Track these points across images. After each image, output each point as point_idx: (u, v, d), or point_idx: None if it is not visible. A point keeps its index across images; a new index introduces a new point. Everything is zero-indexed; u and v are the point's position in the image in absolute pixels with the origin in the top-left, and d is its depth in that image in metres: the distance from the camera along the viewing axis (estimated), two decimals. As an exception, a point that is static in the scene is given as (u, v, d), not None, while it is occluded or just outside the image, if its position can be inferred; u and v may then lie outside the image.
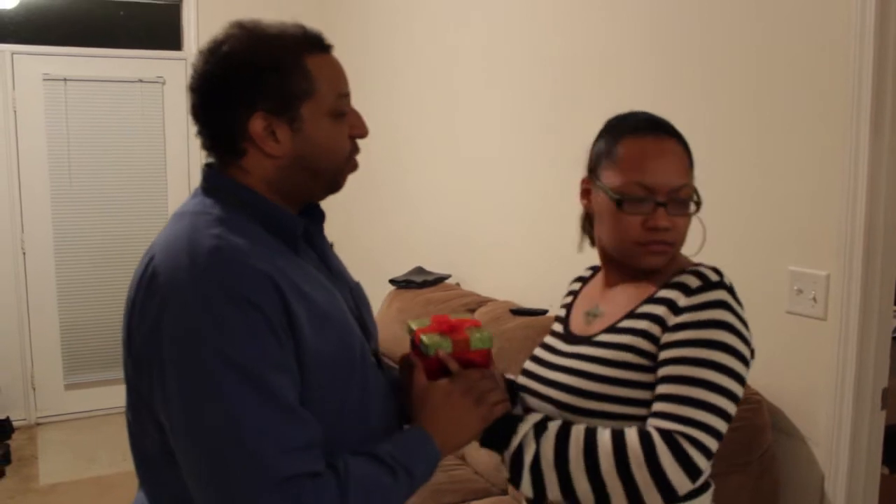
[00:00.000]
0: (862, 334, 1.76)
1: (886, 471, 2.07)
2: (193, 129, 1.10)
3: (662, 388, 1.10)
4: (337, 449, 1.02)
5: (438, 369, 1.16)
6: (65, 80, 4.30)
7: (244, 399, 0.93)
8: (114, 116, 4.41)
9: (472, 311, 2.97)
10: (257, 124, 1.04)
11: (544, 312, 2.71)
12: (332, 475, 0.97)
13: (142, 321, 0.99)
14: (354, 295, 1.21)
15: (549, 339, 1.35)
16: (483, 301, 3.03)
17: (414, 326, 1.23)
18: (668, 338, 1.12)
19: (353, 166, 1.14)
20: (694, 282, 1.15)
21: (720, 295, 1.13)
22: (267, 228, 1.06)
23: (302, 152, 1.07)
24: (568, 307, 1.38)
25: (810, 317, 1.85)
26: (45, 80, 4.26)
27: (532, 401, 1.27)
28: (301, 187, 1.10)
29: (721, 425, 1.08)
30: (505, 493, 2.33)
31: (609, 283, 1.29)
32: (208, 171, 1.11)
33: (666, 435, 1.06)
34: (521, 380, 1.32)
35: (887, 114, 1.70)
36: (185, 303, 0.95)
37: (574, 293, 1.40)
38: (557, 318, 1.38)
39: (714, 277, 1.16)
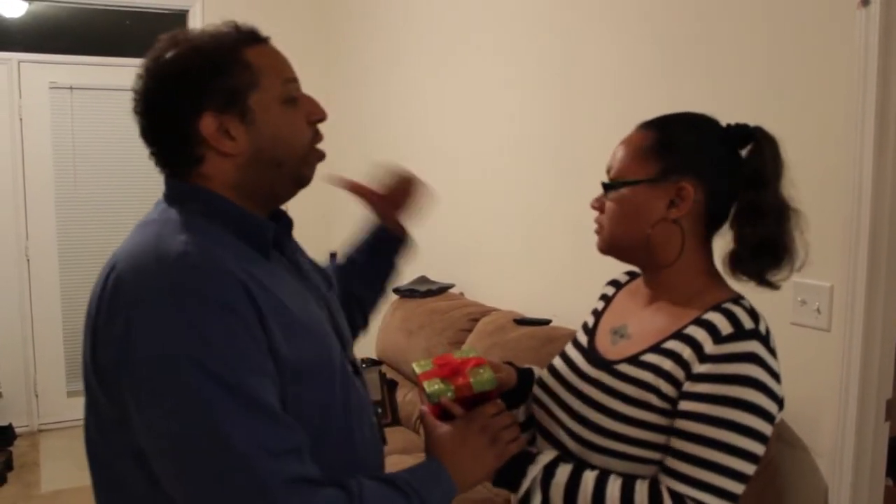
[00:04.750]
0: (866, 345, 1.76)
1: (890, 482, 2.07)
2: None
3: (678, 444, 1.05)
4: (322, 467, 0.98)
5: (444, 413, 1.16)
6: (71, 88, 4.32)
7: (228, 410, 0.88)
8: (119, 125, 4.41)
9: (476, 320, 2.97)
10: (208, 124, 1.00)
11: (548, 322, 2.70)
12: (343, 495, 0.94)
13: (108, 335, 0.93)
14: (327, 302, 1.17)
15: (570, 351, 1.28)
16: (486, 311, 3.03)
17: (418, 370, 1.21)
18: (689, 387, 1.05)
19: (319, 155, 1.11)
20: (725, 326, 1.05)
21: (751, 346, 1.04)
22: (236, 234, 1.02)
23: (259, 145, 1.03)
24: (598, 315, 1.30)
25: (814, 328, 1.85)
26: (51, 88, 4.29)
27: (544, 418, 1.23)
28: (266, 184, 1.06)
29: (738, 488, 1.03)
30: (508, 502, 2.32)
31: (647, 299, 1.20)
32: (171, 180, 1.07)
33: (678, 499, 1.03)
34: (536, 391, 1.28)
35: (891, 125, 1.71)
36: (155, 311, 0.90)
37: (607, 299, 1.32)
38: (585, 326, 1.31)
39: (748, 325, 1.06)
